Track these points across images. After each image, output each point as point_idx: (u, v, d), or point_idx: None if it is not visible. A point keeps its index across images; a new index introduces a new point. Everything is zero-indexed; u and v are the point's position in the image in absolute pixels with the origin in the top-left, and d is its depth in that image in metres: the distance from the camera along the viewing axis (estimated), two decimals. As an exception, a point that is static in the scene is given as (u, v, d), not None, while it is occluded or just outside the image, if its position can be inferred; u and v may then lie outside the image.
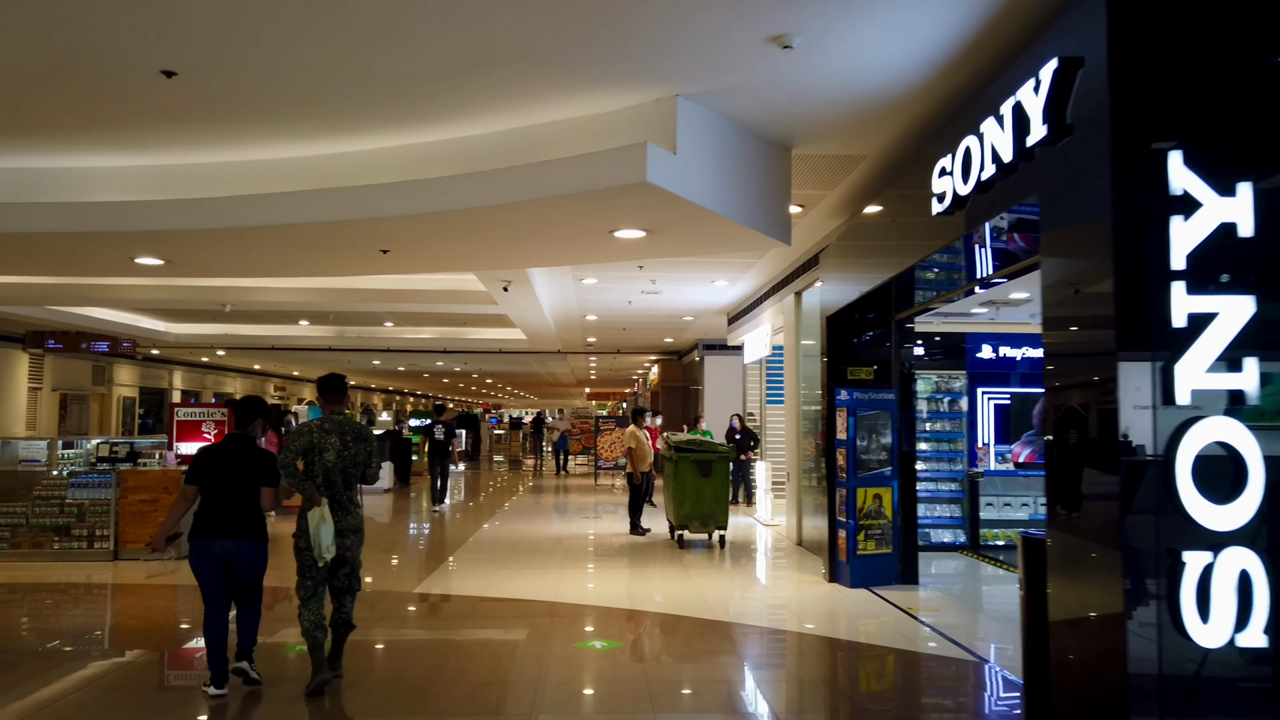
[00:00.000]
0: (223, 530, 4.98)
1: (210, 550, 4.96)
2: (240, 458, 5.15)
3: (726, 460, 10.73)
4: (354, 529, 5.26)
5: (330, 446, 5.12)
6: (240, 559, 5.02)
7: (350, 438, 5.20)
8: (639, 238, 6.52)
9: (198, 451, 5.37)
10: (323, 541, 4.98)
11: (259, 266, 8.05)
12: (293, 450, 5.13)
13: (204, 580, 5.02)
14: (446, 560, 9.90)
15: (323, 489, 5.12)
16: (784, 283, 11.67)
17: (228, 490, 5.04)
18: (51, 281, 12.83)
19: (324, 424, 5.21)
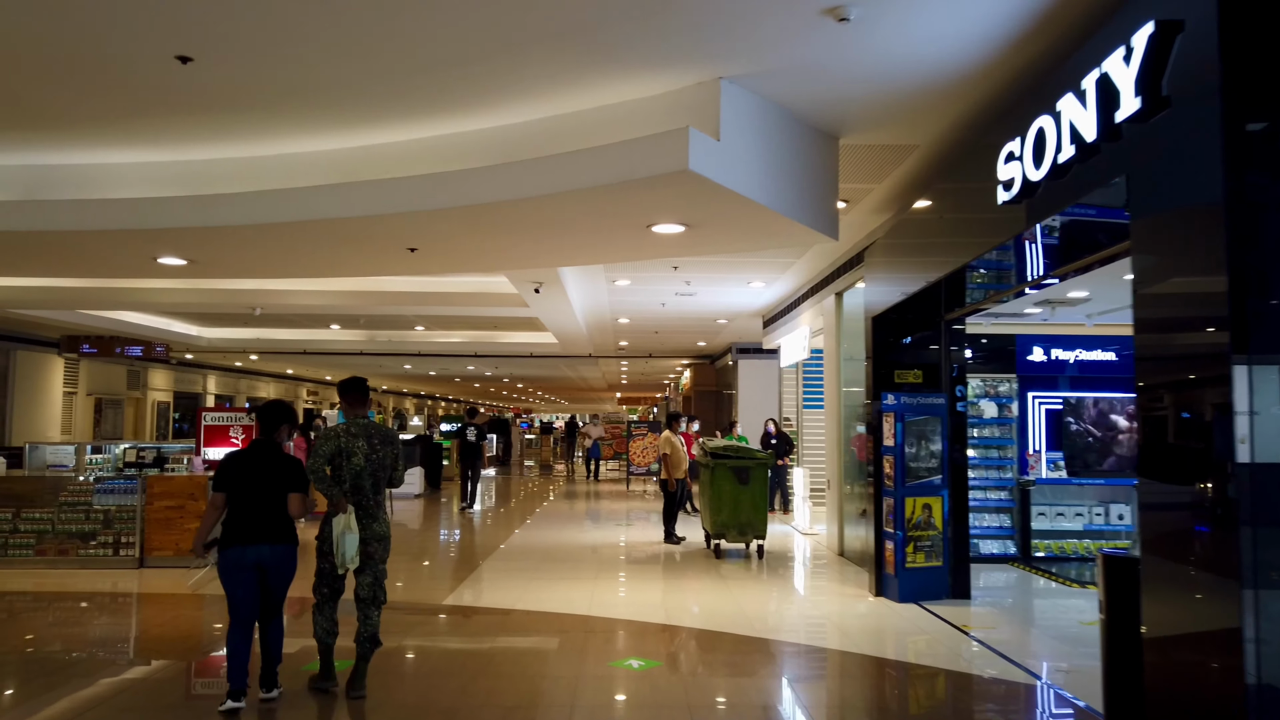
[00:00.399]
0: (257, 536, 4.87)
1: (245, 558, 4.84)
2: (267, 463, 5.01)
3: (765, 467, 10.35)
4: (380, 536, 5.14)
5: (358, 450, 5.01)
6: (274, 564, 4.91)
7: (378, 441, 5.11)
8: (678, 233, 6.18)
9: (224, 458, 5.22)
10: (347, 551, 4.89)
11: (284, 267, 7.82)
12: (321, 455, 5.00)
13: (235, 590, 4.87)
14: (477, 568, 9.61)
15: (350, 494, 5.00)
16: (824, 283, 11.27)
17: (257, 496, 4.92)
18: (82, 285, 12.76)
19: (350, 428, 5.07)
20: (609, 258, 7.42)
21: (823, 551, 11.01)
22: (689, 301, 14.45)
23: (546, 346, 21.24)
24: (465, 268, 7.96)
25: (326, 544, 5.03)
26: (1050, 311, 9.62)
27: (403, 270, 7.90)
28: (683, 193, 5.03)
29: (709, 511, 10.41)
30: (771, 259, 10.85)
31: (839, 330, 10.79)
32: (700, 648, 6.42)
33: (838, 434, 10.76)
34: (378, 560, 5.16)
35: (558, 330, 16.59)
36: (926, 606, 7.72)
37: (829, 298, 11.01)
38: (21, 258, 7.29)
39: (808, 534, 12.49)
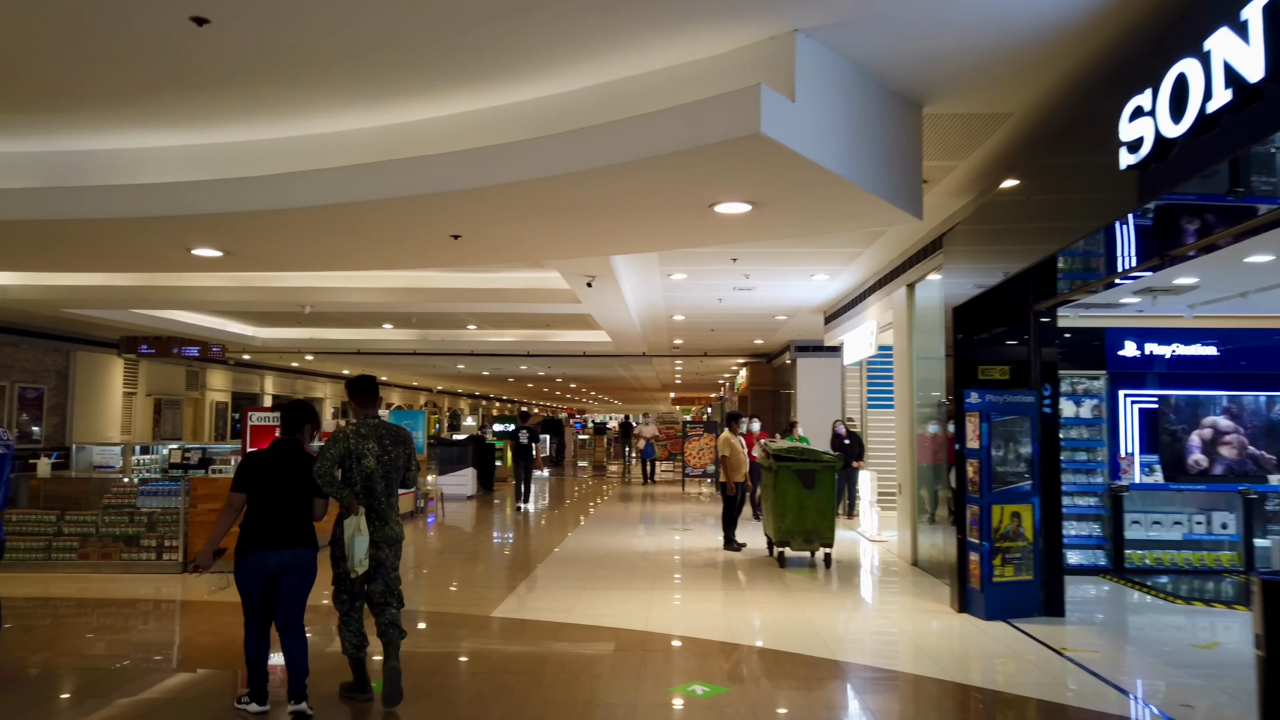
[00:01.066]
0: (279, 541, 4.70)
1: (266, 564, 4.67)
2: (290, 464, 4.83)
3: (832, 470, 9.70)
4: (393, 540, 4.99)
5: (368, 452, 4.86)
6: (296, 569, 4.74)
7: (389, 441, 4.97)
8: (743, 213, 5.60)
9: (244, 458, 4.97)
10: (356, 554, 4.75)
11: (324, 259, 7.43)
12: (329, 458, 4.80)
13: (252, 598, 4.71)
14: (529, 575, 9.15)
15: (362, 497, 4.87)
16: (893, 274, 10.57)
17: (279, 499, 4.75)
18: (132, 283, 12.66)
19: (359, 429, 4.92)
20: (666, 243, 6.85)
21: (893, 560, 10.32)
22: (747, 297, 13.84)
23: (600, 345, 20.79)
24: (512, 257, 7.47)
25: (340, 548, 4.88)
26: (1151, 301, 8.81)
27: (448, 262, 7.46)
28: (752, 162, 4.46)
29: (772, 517, 9.80)
30: (837, 249, 10.20)
31: (911, 325, 10.10)
32: (770, 671, 5.84)
33: (909, 435, 10.06)
34: (389, 567, 4.97)
35: (611, 328, 16.11)
36: (1016, 625, 7.03)
37: (899, 290, 10.31)
38: (52, 249, 6.99)
39: (876, 541, 11.80)
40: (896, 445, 10.58)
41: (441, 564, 10.06)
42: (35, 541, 8.86)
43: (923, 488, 9.93)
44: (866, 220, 5.81)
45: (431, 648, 6.37)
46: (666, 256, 10.60)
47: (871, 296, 11.78)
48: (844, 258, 10.69)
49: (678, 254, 10.41)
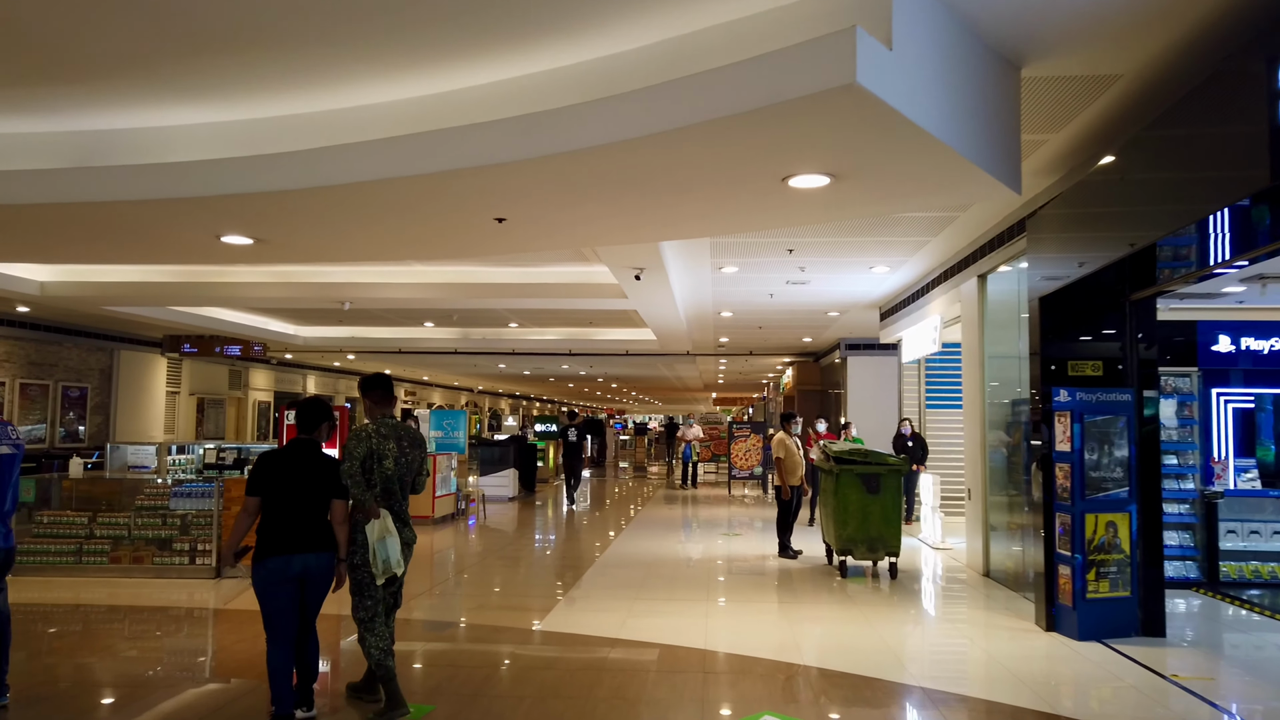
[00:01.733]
0: (301, 544, 4.48)
1: (290, 569, 4.45)
2: (307, 465, 4.62)
3: (898, 474, 9.07)
4: (410, 542, 4.90)
5: (389, 453, 4.73)
6: (318, 575, 4.55)
7: (407, 443, 4.87)
8: (819, 188, 5.03)
9: (259, 459, 4.71)
10: (391, 555, 4.61)
11: (359, 246, 6.99)
12: (355, 457, 4.64)
13: (274, 604, 4.46)
14: (574, 583, 8.65)
15: (380, 499, 4.71)
16: (961, 265, 9.91)
17: (297, 501, 4.53)
18: (171, 280, 12.43)
19: (380, 429, 4.77)
20: (728, 225, 6.27)
21: (961, 570, 9.66)
22: (799, 292, 13.24)
23: (643, 344, 20.30)
24: (559, 243, 6.95)
25: (359, 554, 4.67)
26: (1259, 290, 8.06)
27: (491, 249, 6.99)
28: (840, 123, 3.90)
29: (833, 524, 9.19)
30: (902, 238, 9.56)
31: (982, 319, 9.43)
32: (847, 698, 5.26)
33: (980, 437, 9.39)
34: (404, 567, 4.87)
35: (657, 325, 15.59)
36: (1113, 645, 6.37)
37: (969, 281, 9.64)
38: (76, 235, 6.60)
39: (939, 548, 11.12)
40: (966, 447, 9.91)
41: (484, 569, 9.61)
42: (66, 544, 8.57)
43: (1007, 491, 9.26)
44: (956, 195, 5.20)
45: (473, 665, 5.90)
46: (719, 248, 10.06)
47: (935, 290, 11.11)
48: (908, 248, 10.05)
49: (731, 244, 9.87)
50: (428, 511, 13.07)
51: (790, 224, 6.15)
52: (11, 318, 16.29)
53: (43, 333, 17.75)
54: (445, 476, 13.63)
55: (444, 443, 15.14)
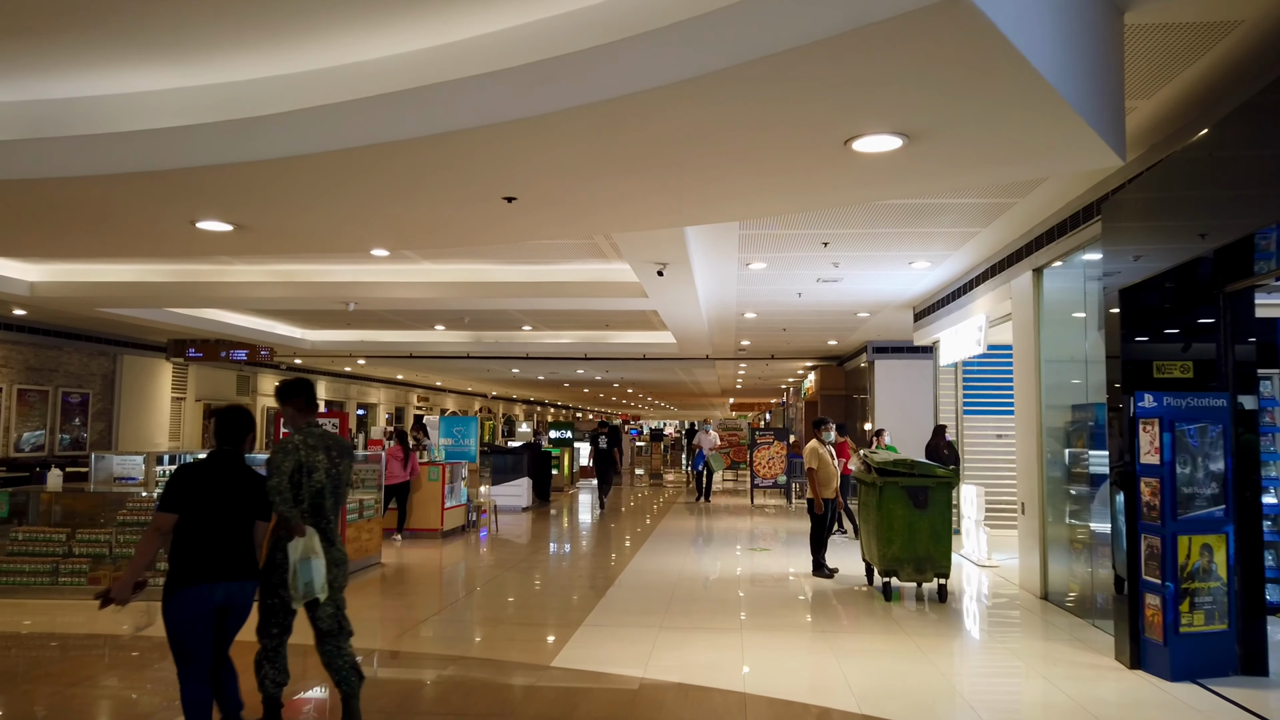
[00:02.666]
0: (223, 571, 3.98)
1: (212, 599, 3.93)
2: (231, 480, 4.12)
3: (948, 487, 8.26)
4: (340, 561, 4.47)
5: (319, 465, 4.33)
6: (241, 604, 4.09)
7: (336, 453, 4.50)
8: (888, 151, 4.24)
9: (176, 471, 4.16)
10: (315, 578, 4.15)
11: (350, 232, 6.24)
12: (283, 472, 4.21)
13: (192, 639, 3.92)
14: (592, 608, 7.90)
15: (309, 515, 4.31)
16: (1014, 258, 9.11)
17: (222, 521, 4.03)
18: (165, 279, 11.81)
19: (307, 439, 4.35)
20: (775, 204, 5.46)
21: (1014, 591, 8.84)
22: (830, 291, 12.46)
23: (661, 348, 19.57)
24: (576, 228, 6.18)
25: (278, 575, 4.28)
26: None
27: (501, 235, 6.26)
28: (932, 54, 3.12)
29: (876, 542, 8.40)
30: (949, 229, 8.78)
31: (1038, 318, 8.62)
32: (914, 755, 4.48)
33: (1036, 447, 8.58)
34: (338, 588, 4.47)
35: (678, 327, 14.83)
36: (1210, 687, 5.56)
37: (1022, 276, 8.84)
38: (32, 222, 5.90)
39: (986, 566, 10.31)
40: (1019, 458, 9.10)
41: (493, 589, 8.87)
42: (41, 564, 7.88)
43: (1066, 505, 8.44)
44: (1046, 162, 4.42)
45: (477, 712, 5.15)
46: (748, 241, 9.30)
47: (980, 286, 10.30)
48: (953, 240, 9.25)
49: (761, 237, 9.11)
50: (436, 524, 12.36)
51: (844, 201, 5.38)
52: (8, 321, 15.72)
53: (41, 336, 17.19)
54: (455, 487, 12.91)
55: (454, 451, 14.42)
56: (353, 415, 32.29)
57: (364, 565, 9.76)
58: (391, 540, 11.94)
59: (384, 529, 12.12)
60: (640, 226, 6.12)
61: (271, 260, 11.35)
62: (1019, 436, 9.08)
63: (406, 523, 12.24)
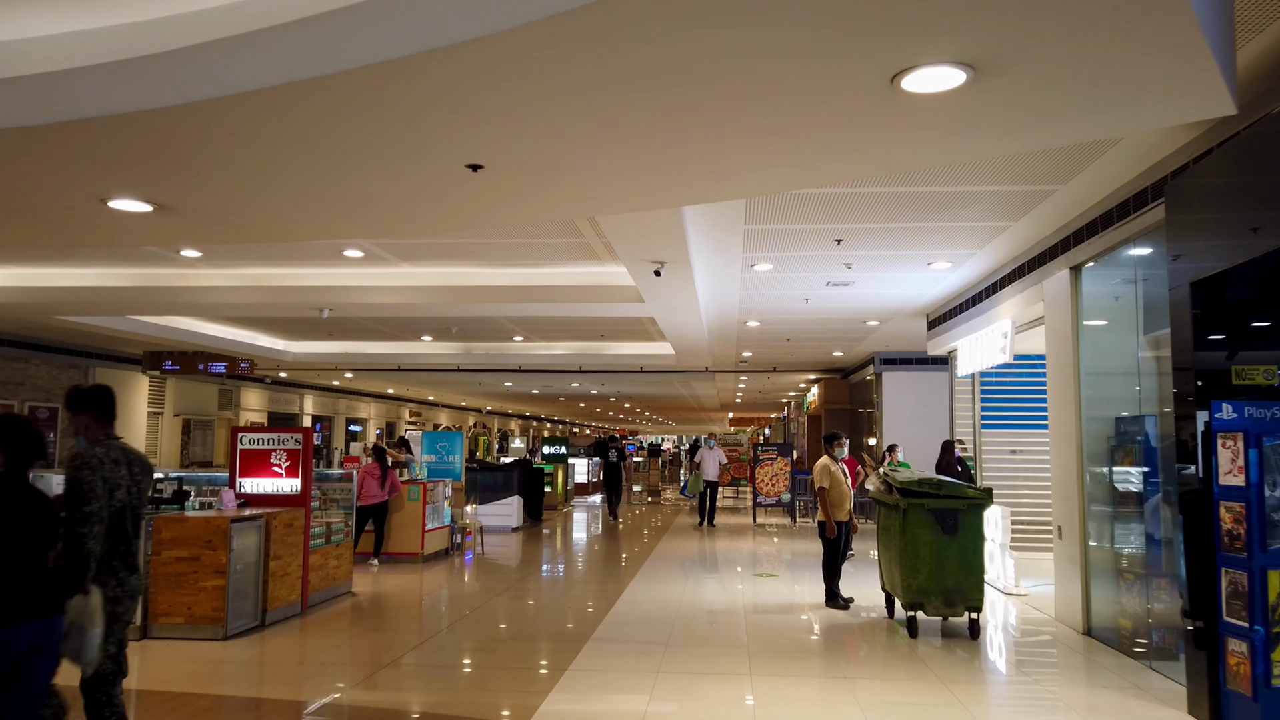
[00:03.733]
0: (28, 609, 3.29)
1: (15, 644, 3.22)
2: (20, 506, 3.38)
3: (980, 509, 7.40)
4: (136, 591, 3.96)
5: (121, 481, 3.84)
6: (50, 644, 3.39)
7: (138, 469, 4.03)
8: (948, 90, 3.38)
9: None
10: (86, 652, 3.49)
11: (294, 213, 5.37)
12: (97, 493, 3.62)
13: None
14: (582, 645, 7.01)
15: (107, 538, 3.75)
16: (1046, 256, 8.28)
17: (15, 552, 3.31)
18: (119, 284, 10.97)
19: (109, 453, 3.82)
20: (802, 172, 4.56)
21: (1050, 625, 7.96)
22: (840, 296, 11.64)
23: (659, 360, 18.74)
24: (556, 205, 5.27)
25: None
26: None
27: (469, 216, 5.39)
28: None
29: (899, 570, 7.52)
30: (976, 223, 7.95)
31: (1076, 321, 7.78)
32: None
33: (1076, 464, 7.72)
34: (125, 621, 3.92)
35: (677, 337, 13.99)
36: (1309, 752, 4.67)
37: (1057, 275, 8.01)
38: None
39: (1014, 594, 9.43)
40: (1054, 476, 8.24)
41: (473, 622, 7.97)
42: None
43: (1096, 532, 7.58)
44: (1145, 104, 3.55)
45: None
46: (753, 238, 8.48)
47: (1007, 289, 9.47)
48: (980, 236, 8.42)
49: (768, 234, 8.29)
50: (416, 548, 11.46)
51: (879, 169, 4.55)
52: (-33, 331, 14.86)
53: (6, 348, 16.34)
54: (437, 507, 12.02)
55: (437, 468, 13.53)
56: (341, 430, 31.37)
57: (332, 595, 8.87)
58: (368, 565, 11.05)
59: (361, 553, 11.25)
60: (632, 204, 5.25)
61: (238, 264, 10.52)
62: (1054, 453, 8.22)
63: (384, 546, 11.34)
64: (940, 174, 6.53)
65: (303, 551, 8.17)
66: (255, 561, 7.46)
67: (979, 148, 4.18)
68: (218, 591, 7.02)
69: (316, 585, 8.47)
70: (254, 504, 8.22)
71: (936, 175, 6.56)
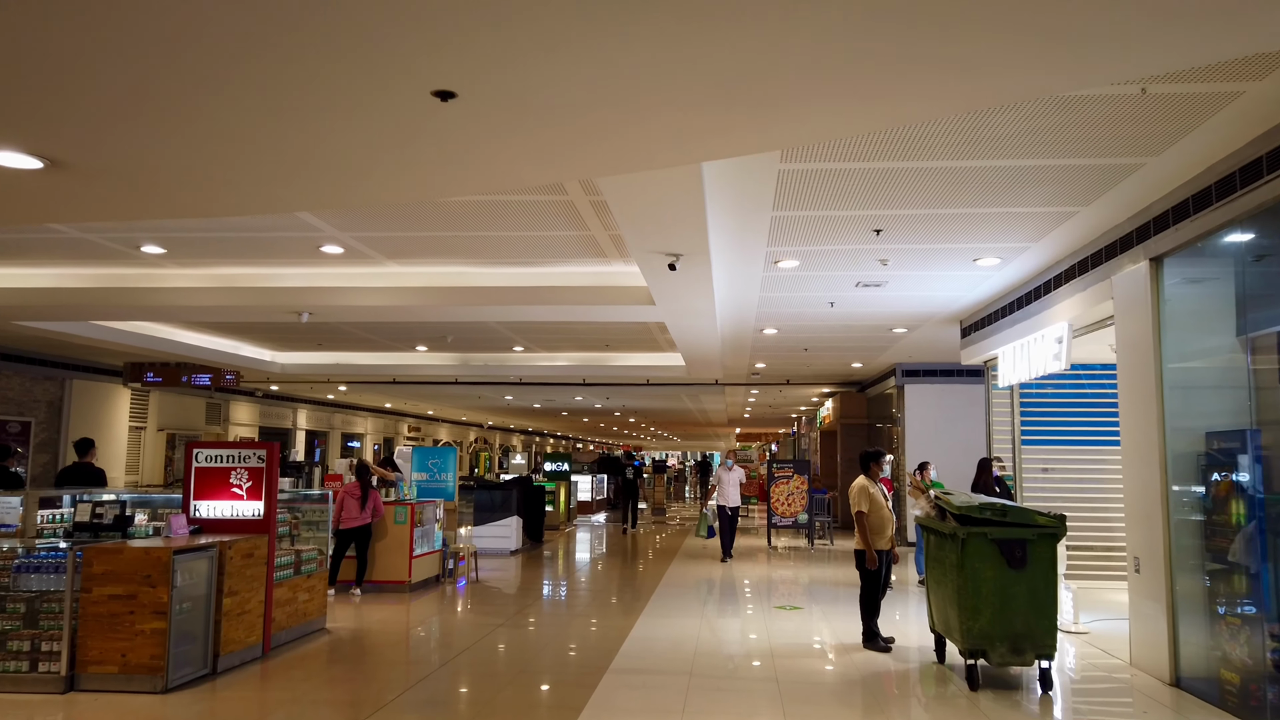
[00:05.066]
0: None
1: None
2: None
3: (1053, 540, 6.33)
4: None
5: None
6: None
7: None
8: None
9: None
10: None
11: (222, 176, 4.38)
12: None
13: None
14: (587, 699, 5.94)
15: None
16: (1117, 248, 7.26)
17: None
18: (75, 284, 9.98)
19: None
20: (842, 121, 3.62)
21: (1123, 670, 6.89)
22: (868, 300, 10.63)
23: (667, 372, 17.72)
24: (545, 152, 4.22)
25: None
26: None
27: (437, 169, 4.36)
28: None
29: (956, 611, 6.44)
30: (1042, 208, 6.93)
31: (1157, 322, 6.74)
32: None
33: (1159, 485, 6.65)
34: None
35: (687, 344, 12.96)
36: None
37: (1132, 269, 6.98)
38: None
39: (1074, 632, 8.35)
40: (1128, 500, 7.17)
41: (457, 669, 6.91)
42: None
43: (1184, 566, 6.51)
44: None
45: None
46: (781, 228, 7.46)
47: (1065, 286, 8.43)
48: (1042, 224, 7.38)
49: (798, 222, 7.27)
50: (403, 575, 10.39)
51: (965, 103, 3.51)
52: (-74, 340, 13.89)
53: (-28, 358, 15.37)
54: (427, 530, 10.96)
55: (429, 487, 12.47)
56: (336, 445, 30.30)
57: (303, 633, 7.81)
58: (350, 595, 9.99)
59: (343, 581, 10.19)
60: (649, 161, 4.23)
61: (206, 262, 9.53)
62: (1128, 473, 7.16)
63: (367, 574, 10.28)
64: (1013, 141, 5.51)
65: (265, 585, 7.12)
66: (205, 598, 6.41)
67: (1094, 65, 3.14)
68: (157, 635, 5.96)
69: (283, 623, 7.41)
70: (211, 530, 7.18)
71: (1007, 143, 5.55)
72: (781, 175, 6.14)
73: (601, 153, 4.08)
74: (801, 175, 6.16)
